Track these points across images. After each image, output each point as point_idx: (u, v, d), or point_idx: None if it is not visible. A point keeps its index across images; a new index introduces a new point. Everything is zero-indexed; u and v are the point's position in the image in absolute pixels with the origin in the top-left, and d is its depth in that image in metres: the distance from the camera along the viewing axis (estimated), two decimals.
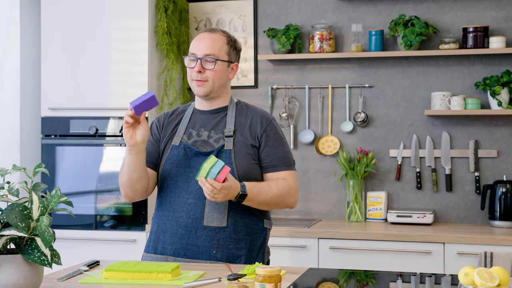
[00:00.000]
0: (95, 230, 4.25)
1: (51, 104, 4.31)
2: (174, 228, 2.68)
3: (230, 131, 2.70)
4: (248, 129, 2.72)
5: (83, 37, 4.29)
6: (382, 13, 4.42)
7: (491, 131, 4.28)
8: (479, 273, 1.86)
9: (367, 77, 4.45)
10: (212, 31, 2.73)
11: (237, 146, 2.69)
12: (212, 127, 2.73)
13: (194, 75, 2.69)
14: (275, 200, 2.68)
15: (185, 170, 2.69)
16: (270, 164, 2.72)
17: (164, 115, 2.84)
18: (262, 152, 2.72)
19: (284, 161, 2.74)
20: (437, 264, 3.77)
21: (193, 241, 2.65)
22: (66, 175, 4.29)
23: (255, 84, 4.62)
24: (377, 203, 4.33)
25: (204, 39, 2.70)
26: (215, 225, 2.65)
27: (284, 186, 2.70)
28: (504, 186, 4.09)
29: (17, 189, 2.00)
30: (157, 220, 2.76)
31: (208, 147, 2.69)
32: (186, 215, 2.66)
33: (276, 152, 2.73)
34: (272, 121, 2.77)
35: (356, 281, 2.56)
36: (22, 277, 1.94)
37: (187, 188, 2.67)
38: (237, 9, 4.65)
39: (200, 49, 2.68)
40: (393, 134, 4.42)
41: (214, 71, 2.68)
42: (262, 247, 2.75)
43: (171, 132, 2.76)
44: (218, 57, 2.69)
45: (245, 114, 2.76)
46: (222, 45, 2.71)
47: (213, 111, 2.77)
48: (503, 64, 4.25)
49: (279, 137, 2.76)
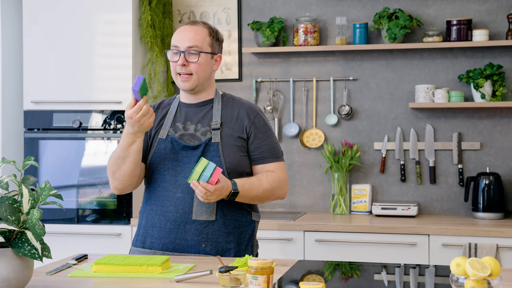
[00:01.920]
0: (77, 224, 4.22)
1: (33, 98, 4.27)
2: (162, 222, 2.66)
3: (217, 124, 2.69)
4: (236, 121, 2.71)
5: (66, 29, 4.25)
6: (366, 6, 4.43)
7: (474, 123, 4.31)
8: (471, 263, 1.87)
9: (351, 70, 4.46)
10: (193, 23, 2.72)
11: (224, 138, 2.68)
12: (199, 120, 2.72)
13: (178, 69, 2.67)
14: (266, 194, 2.69)
15: (172, 164, 2.67)
16: (259, 156, 2.72)
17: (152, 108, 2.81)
18: (251, 145, 2.71)
19: (273, 152, 2.74)
20: (422, 255, 3.79)
21: (182, 235, 2.64)
22: (49, 169, 4.25)
23: (239, 77, 4.61)
24: (361, 196, 4.34)
25: (186, 32, 2.69)
26: (203, 219, 2.64)
27: (274, 179, 2.70)
28: (487, 178, 4.12)
29: (6, 182, 1.98)
30: (145, 214, 2.74)
31: (195, 141, 2.68)
32: (174, 209, 2.65)
33: (265, 144, 2.73)
34: (259, 113, 2.77)
35: (341, 273, 2.57)
36: (12, 270, 1.92)
37: (174, 182, 2.66)
38: (221, 2, 4.63)
39: (183, 42, 2.67)
40: (377, 127, 4.43)
41: (198, 63, 2.66)
42: (251, 240, 2.75)
43: (157, 125, 2.74)
44: (201, 49, 2.67)
45: (231, 106, 2.75)
46: (205, 36, 2.70)
47: (199, 104, 2.75)
48: (486, 57, 4.28)
49: (267, 128, 2.76)
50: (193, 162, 2.64)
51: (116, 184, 2.69)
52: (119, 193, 2.74)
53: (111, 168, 2.67)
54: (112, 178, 2.69)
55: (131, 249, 2.77)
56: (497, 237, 3.71)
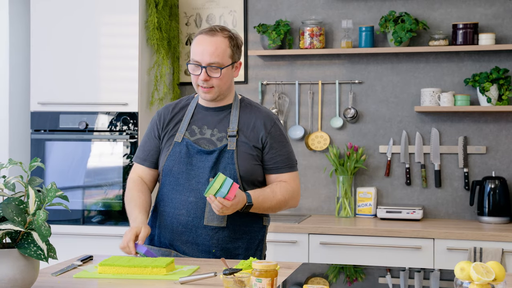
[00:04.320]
0: (83, 225, 4.23)
1: (40, 99, 4.28)
2: (174, 225, 2.67)
3: (233, 131, 2.66)
4: (252, 130, 2.68)
5: (73, 31, 4.26)
6: (372, 9, 4.44)
7: (480, 127, 4.31)
8: (475, 268, 1.87)
9: (357, 73, 4.47)
10: (212, 34, 2.62)
11: (240, 146, 2.66)
12: (215, 125, 2.70)
13: (200, 82, 2.63)
14: (279, 205, 2.68)
15: (186, 167, 2.66)
16: (274, 166, 2.70)
17: (166, 110, 2.79)
18: (266, 155, 2.69)
19: (288, 163, 2.72)
20: (427, 259, 3.79)
21: (193, 239, 2.64)
22: (55, 170, 4.26)
23: (245, 80, 4.61)
24: (366, 199, 4.34)
25: (206, 45, 2.60)
26: (215, 225, 2.63)
27: (288, 190, 2.69)
28: (492, 182, 4.12)
29: (13, 184, 1.99)
30: (158, 216, 2.74)
31: (211, 146, 2.66)
32: (186, 213, 2.65)
33: (280, 154, 2.70)
34: (276, 122, 2.73)
35: (346, 276, 2.57)
36: (18, 271, 1.93)
37: (188, 186, 2.65)
38: (227, 4, 4.64)
39: (204, 57, 2.60)
40: (382, 130, 4.44)
41: (220, 78, 2.63)
42: (260, 244, 2.75)
43: (174, 127, 2.73)
44: (222, 65, 2.61)
45: (249, 114, 2.71)
46: (225, 49, 2.62)
47: (217, 108, 2.72)
48: (492, 61, 4.27)
49: (283, 138, 2.73)
50: (207, 167, 2.63)
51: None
52: None
53: (126, 198, 2.78)
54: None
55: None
56: (503, 242, 3.71)
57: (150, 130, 2.79)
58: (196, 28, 4.67)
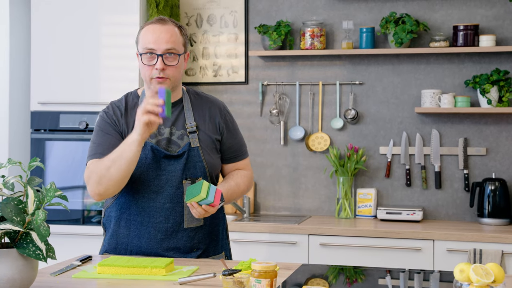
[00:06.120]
0: (82, 225, 4.23)
1: (40, 99, 4.28)
2: (152, 233, 2.58)
3: (192, 127, 2.61)
4: (209, 121, 2.65)
5: (73, 31, 4.26)
6: (373, 10, 4.43)
7: (481, 129, 4.30)
8: (475, 270, 1.87)
9: (357, 74, 4.46)
10: (164, 22, 2.55)
11: (203, 141, 2.62)
12: (172, 123, 2.61)
13: (154, 73, 2.51)
14: (241, 195, 2.73)
15: (156, 173, 2.57)
16: (232, 155, 2.73)
17: (116, 109, 2.63)
18: (224, 144, 2.70)
19: (242, 149, 2.77)
20: (427, 261, 3.79)
21: (174, 244, 2.60)
22: (55, 170, 4.26)
23: (245, 81, 4.61)
24: (366, 200, 4.34)
25: (159, 33, 2.51)
26: (194, 225, 2.62)
27: (248, 178, 2.74)
28: (492, 184, 4.12)
29: (12, 183, 1.99)
30: (125, 224, 2.61)
31: (174, 146, 2.58)
32: (165, 220, 2.58)
33: (236, 142, 2.74)
34: (226, 108, 2.75)
35: (346, 277, 2.57)
36: (17, 271, 1.93)
37: (162, 192, 2.57)
38: (228, 4, 4.64)
39: (159, 45, 2.50)
40: (383, 131, 4.43)
41: (176, 67, 2.53)
42: (227, 232, 2.80)
43: (129, 131, 2.56)
44: (178, 51, 2.54)
45: (201, 105, 2.68)
46: (178, 36, 2.55)
47: None
48: (492, 63, 4.27)
49: (235, 124, 2.76)
50: (178, 170, 2.56)
51: (100, 189, 2.47)
52: (99, 200, 2.54)
53: (98, 173, 2.47)
54: (96, 184, 2.47)
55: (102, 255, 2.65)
56: (502, 243, 3.71)
57: (105, 126, 2.59)
58: (196, 28, 4.67)
